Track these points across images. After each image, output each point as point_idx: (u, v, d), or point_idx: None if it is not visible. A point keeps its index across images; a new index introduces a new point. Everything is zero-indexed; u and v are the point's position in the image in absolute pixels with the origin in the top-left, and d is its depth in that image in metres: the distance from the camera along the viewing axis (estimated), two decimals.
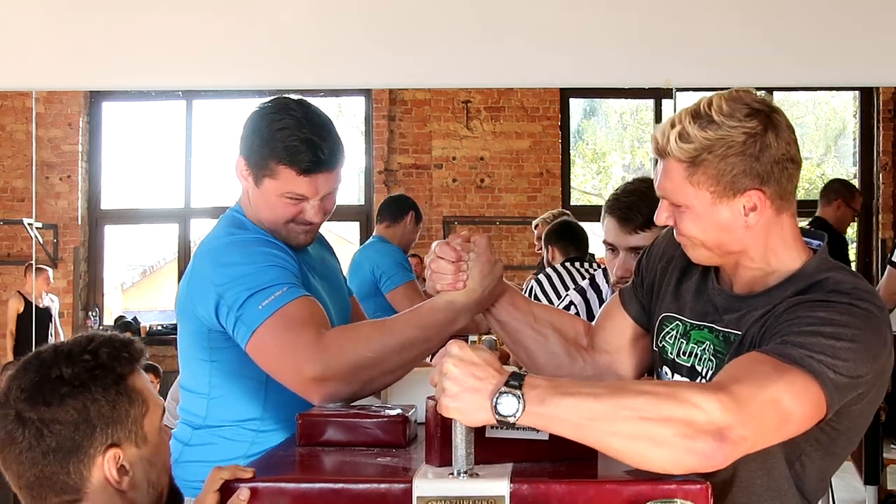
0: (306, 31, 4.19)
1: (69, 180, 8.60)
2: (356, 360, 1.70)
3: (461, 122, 8.51)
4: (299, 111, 1.88)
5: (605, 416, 1.24)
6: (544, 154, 8.57)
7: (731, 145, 1.45)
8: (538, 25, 4.16)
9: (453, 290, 1.75)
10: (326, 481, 1.36)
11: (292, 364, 1.72)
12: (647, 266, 1.75)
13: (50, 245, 8.47)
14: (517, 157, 8.56)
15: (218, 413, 1.92)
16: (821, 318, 1.39)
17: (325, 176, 1.87)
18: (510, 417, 1.25)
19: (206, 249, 1.90)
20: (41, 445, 1.22)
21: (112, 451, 1.23)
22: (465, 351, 1.30)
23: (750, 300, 1.52)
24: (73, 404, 1.22)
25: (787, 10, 4.12)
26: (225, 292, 1.78)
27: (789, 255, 1.52)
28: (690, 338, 1.59)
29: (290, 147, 1.84)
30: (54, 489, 1.23)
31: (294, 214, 1.90)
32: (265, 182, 1.88)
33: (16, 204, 8.51)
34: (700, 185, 1.47)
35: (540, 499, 1.28)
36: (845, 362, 1.35)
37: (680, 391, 1.26)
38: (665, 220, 1.55)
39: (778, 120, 1.48)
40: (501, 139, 8.56)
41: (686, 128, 1.47)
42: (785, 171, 1.47)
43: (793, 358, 1.34)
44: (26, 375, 1.25)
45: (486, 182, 8.55)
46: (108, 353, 1.27)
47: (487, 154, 8.55)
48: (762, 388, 1.29)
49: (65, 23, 4.17)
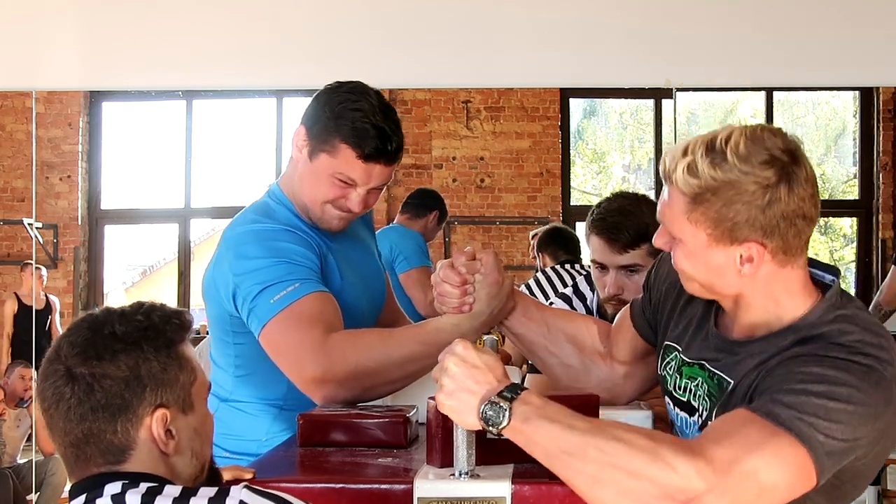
0: (306, 31, 4.19)
1: (69, 180, 8.60)
2: (357, 367, 1.71)
3: (461, 122, 8.51)
4: (376, 99, 1.87)
5: (577, 451, 1.22)
6: (544, 154, 8.57)
7: (738, 192, 1.34)
8: (538, 25, 4.16)
9: (458, 313, 1.72)
10: (327, 482, 1.36)
11: (295, 362, 1.74)
12: (653, 285, 1.69)
13: (50, 245, 8.47)
14: (517, 157, 8.55)
15: (243, 390, 1.94)
16: (815, 374, 1.29)
17: (381, 167, 1.86)
18: (494, 427, 1.25)
19: (230, 235, 1.89)
20: (90, 401, 1.21)
21: (160, 412, 1.22)
22: (469, 351, 1.30)
23: (747, 346, 1.43)
24: (126, 360, 1.22)
25: (787, 10, 4.12)
26: (241, 283, 1.79)
27: (793, 303, 1.42)
28: (683, 373, 1.54)
29: (359, 129, 1.83)
30: (100, 448, 1.22)
31: (337, 197, 1.88)
32: (321, 157, 1.87)
33: (16, 204, 8.51)
34: (698, 224, 1.38)
35: (541, 500, 1.28)
36: (838, 424, 1.26)
37: (658, 447, 1.21)
38: (662, 244, 1.48)
39: (796, 172, 1.36)
40: (501, 139, 8.55)
41: (696, 161, 1.37)
42: (793, 227, 1.36)
43: (781, 419, 1.25)
44: (79, 333, 1.24)
45: (486, 182, 8.54)
46: (161, 316, 1.27)
47: (487, 154, 8.55)
48: (743, 455, 1.22)
49: (65, 23, 4.17)
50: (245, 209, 1.99)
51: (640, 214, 2.26)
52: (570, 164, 8.89)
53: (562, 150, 8.63)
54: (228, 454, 1.91)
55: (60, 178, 8.57)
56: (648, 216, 2.26)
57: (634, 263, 2.26)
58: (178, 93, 8.45)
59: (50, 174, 8.49)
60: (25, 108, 8.28)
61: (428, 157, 8.54)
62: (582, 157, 9.82)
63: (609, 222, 2.27)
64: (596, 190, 9.86)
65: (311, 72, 4.29)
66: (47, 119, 8.41)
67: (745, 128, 1.39)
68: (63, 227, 8.57)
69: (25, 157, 8.32)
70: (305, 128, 1.90)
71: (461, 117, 8.51)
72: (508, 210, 8.52)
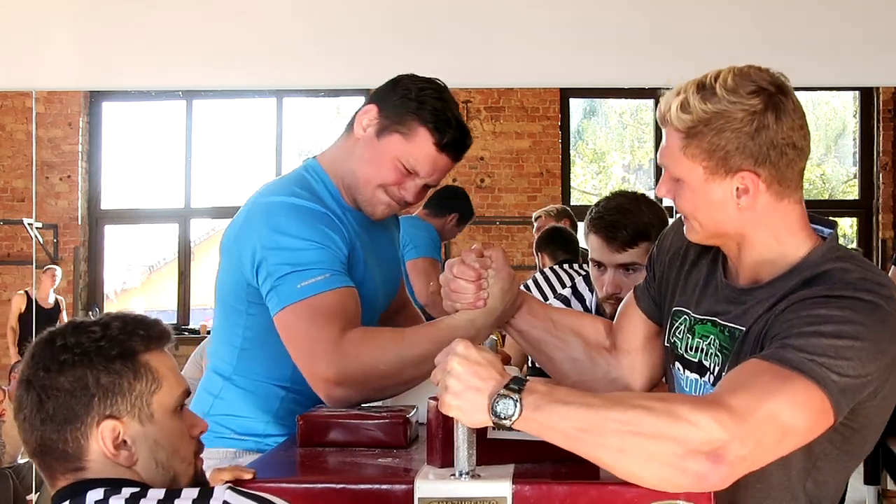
0: (306, 31, 4.19)
1: (69, 180, 8.60)
2: (371, 368, 1.69)
3: None
4: (453, 101, 1.90)
5: (596, 427, 1.22)
6: (544, 154, 8.57)
7: (727, 120, 1.41)
8: (538, 25, 4.16)
9: (473, 308, 1.72)
10: (328, 482, 1.36)
11: (308, 357, 1.72)
12: (656, 260, 1.72)
13: (50, 245, 8.47)
14: (517, 157, 8.55)
15: (247, 366, 1.89)
16: (822, 315, 1.33)
17: (447, 161, 1.87)
18: (506, 421, 1.25)
19: (264, 202, 1.82)
20: (41, 412, 1.23)
21: (108, 423, 1.23)
22: (470, 350, 1.30)
23: (754, 293, 1.47)
24: (73, 372, 1.23)
25: (787, 11, 4.11)
26: (269, 257, 1.74)
27: (794, 242, 1.47)
28: (696, 332, 1.56)
29: (440, 117, 1.84)
30: (55, 457, 1.24)
31: (393, 182, 1.86)
32: (392, 138, 1.84)
33: (16, 204, 8.51)
34: (694, 159, 1.44)
35: (542, 500, 1.28)
36: (849, 361, 1.30)
37: (675, 407, 1.23)
38: (665, 192, 1.52)
39: (783, 102, 1.42)
40: (501, 139, 8.55)
41: (688, 98, 1.44)
42: (784, 156, 1.42)
43: (793, 363, 1.29)
44: (38, 344, 1.27)
45: (486, 182, 8.54)
46: (120, 327, 1.27)
47: (487, 154, 8.54)
48: (761, 401, 1.25)
49: (65, 23, 4.17)
50: (280, 179, 1.92)
51: (639, 213, 2.27)
52: (570, 164, 8.89)
53: (562, 150, 8.63)
54: (235, 435, 1.88)
55: (60, 178, 8.57)
56: (647, 215, 2.26)
57: (632, 262, 2.26)
58: (178, 93, 8.45)
59: (50, 174, 8.49)
60: (25, 108, 8.28)
61: None
62: (582, 157, 9.81)
63: (607, 221, 2.27)
64: (596, 190, 9.86)
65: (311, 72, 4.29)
66: (47, 119, 8.41)
67: (734, 66, 1.46)
68: (63, 227, 8.57)
69: (25, 157, 8.32)
70: (378, 107, 1.87)
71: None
72: (508, 210, 8.52)
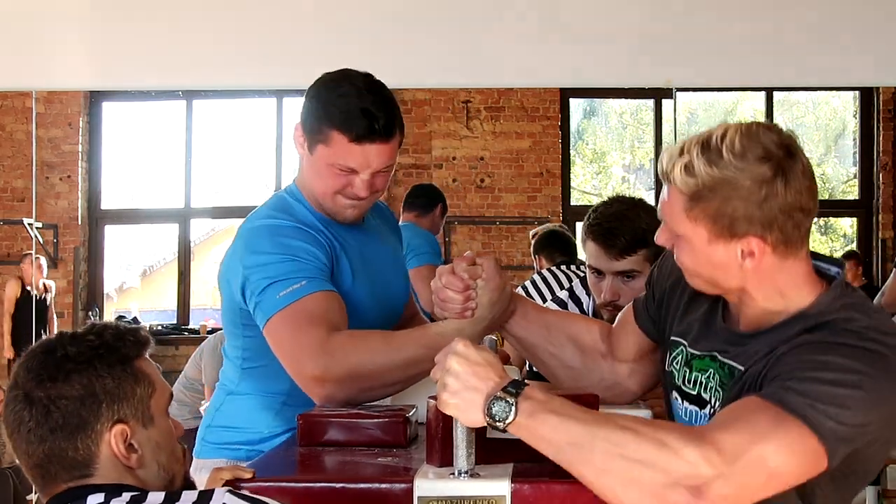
0: (306, 31, 4.19)
1: (69, 180, 8.60)
2: (357, 369, 1.71)
3: (461, 122, 8.51)
4: (361, 81, 1.91)
5: (584, 443, 1.23)
6: (544, 154, 8.57)
7: (734, 188, 1.37)
8: (538, 25, 4.16)
9: (462, 318, 1.73)
10: (327, 481, 1.36)
11: (296, 359, 1.76)
12: (657, 282, 1.70)
13: (50, 245, 8.47)
14: (517, 157, 8.55)
15: (248, 382, 1.97)
16: (824, 362, 1.31)
17: (377, 148, 1.87)
18: (500, 423, 1.25)
19: (245, 228, 1.93)
20: (49, 422, 1.24)
21: (119, 427, 1.25)
22: (470, 350, 1.30)
23: (756, 338, 1.45)
24: (79, 380, 1.25)
25: (787, 11, 4.11)
26: (250, 276, 1.82)
27: (798, 294, 1.44)
28: (693, 366, 1.54)
29: (345, 112, 1.86)
30: (63, 465, 1.25)
31: (342, 186, 1.90)
32: (318, 149, 1.89)
33: (16, 204, 8.51)
34: (697, 221, 1.41)
35: (541, 499, 1.28)
36: (849, 410, 1.27)
37: (665, 435, 1.22)
38: (664, 241, 1.50)
39: (792, 166, 1.38)
40: (501, 139, 8.55)
41: (693, 160, 1.39)
42: (791, 220, 1.38)
43: (792, 406, 1.27)
44: (34, 358, 1.28)
45: (486, 182, 8.54)
46: (113, 334, 1.30)
47: (487, 154, 8.54)
48: (752, 443, 1.23)
49: (64, 23, 4.17)
50: (263, 204, 2.01)
51: (637, 219, 2.25)
52: (570, 164, 8.88)
53: (562, 150, 8.63)
54: (232, 446, 1.94)
55: (60, 178, 8.57)
56: (645, 221, 2.24)
57: (631, 269, 2.24)
58: (178, 93, 8.45)
59: (50, 174, 8.49)
60: (25, 108, 8.28)
61: (428, 157, 8.54)
62: (582, 157, 9.81)
63: (605, 228, 2.25)
64: (596, 190, 9.85)
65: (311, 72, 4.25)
66: (47, 119, 8.40)
67: (741, 125, 1.41)
68: (63, 227, 8.57)
69: (25, 157, 8.32)
70: (301, 125, 1.94)
71: (461, 117, 8.51)
72: (508, 210, 8.52)
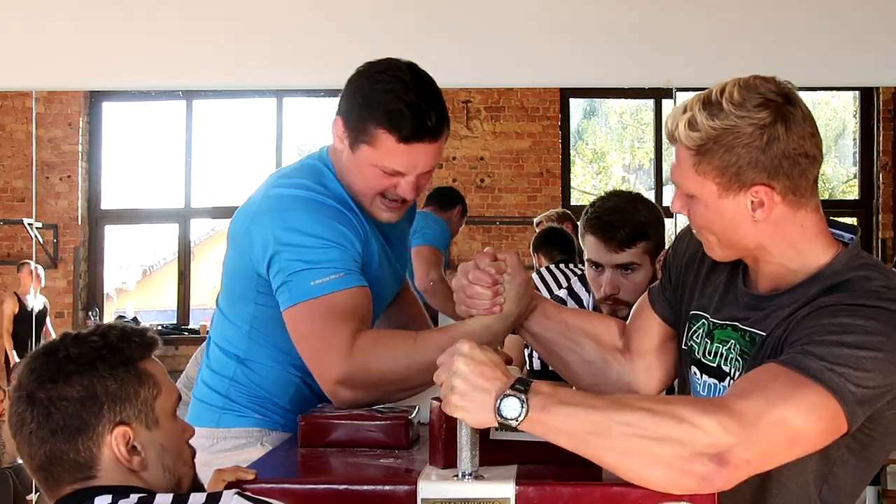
0: (306, 31, 4.18)
1: (69, 180, 8.59)
2: (383, 373, 1.69)
3: (461, 122, 8.50)
4: (408, 74, 1.78)
5: (601, 429, 1.23)
6: (544, 154, 8.56)
7: (737, 136, 1.39)
8: (538, 25, 4.16)
9: (489, 314, 1.71)
10: (330, 483, 1.36)
11: (321, 359, 1.71)
12: (672, 263, 1.70)
13: (50, 245, 8.47)
14: (517, 157, 8.55)
15: (259, 350, 1.88)
16: (844, 324, 1.31)
17: (425, 147, 1.77)
18: (512, 421, 1.25)
19: (276, 194, 1.80)
20: (49, 423, 1.23)
21: (120, 429, 1.24)
22: (475, 350, 1.30)
23: (775, 299, 1.46)
24: (80, 381, 1.24)
25: (787, 10, 4.11)
26: (283, 251, 1.73)
27: (813, 251, 1.45)
28: (715, 337, 1.54)
29: (393, 111, 1.74)
30: (66, 468, 1.24)
31: (386, 188, 1.81)
32: (362, 149, 1.79)
33: (16, 204, 8.50)
34: (706, 175, 1.42)
35: (545, 501, 1.28)
36: (869, 373, 1.28)
37: (680, 409, 1.23)
38: (679, 208, 1.50)
39: (791, 112, 1.40)
40: (501, 139, 8.55)
41: (695, 115, 1.42)
42: (796, 166, 1.40)
43: (811, 371, 1.27)
44: (36, 359, 1.28)
45: (486, 182, 8.54)
46: (118, 335, 1.29)
47: (487, 154, 8.54)
48: (771, 406, 1.24)
49: (65, 23, 4.17)
50: (292, 167, 1.90)
51: (636, 212, 2.26)
52: (570, 164, 8.88)
53: (562, 150, 8.63)
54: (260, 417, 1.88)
55: (60, 178, 8.57)
56: (644, 214, 2.26)
57: (630, 262, 2.25)
58: (178, 93, 8.44)
59: (50, 174, 8.48)
60: (25, 108, 8.27)
61: None
62: (582, 157, 9.81)
63: (604, 221, 2.25)
64: (596, 190, 9.85)
65: (311, 72, 4.28)
66: (47, 119, 8.40)
67: (739, 78, 1.43)
68: (63, 227, 8.56)
69: (25, 157, 8.31)
70: (342, 119, 1.82)
71: (461, 117, 8.50)
72: (508, 210, 8.52)
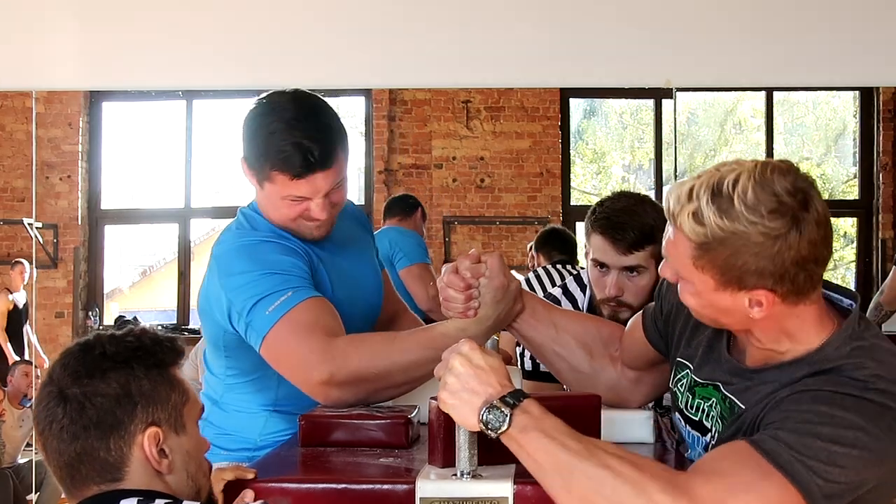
0: (306, 31, 4.18)
1: (69, 180, 8.59)
2: (362, 371, 1.71)
3: (461, 122, 8.50)
4: (291, 110, 1.84)
5: (564, 471, 1.22)
6: (544, 154, 8.56)
7: (745, 243, 1.29)
8: (538, 25, 4.16)
9: (464, 318, 1.72)
10: (329, 481, 1.36)
11: (301, 368, 1.74)
12: (665, 295, 1.65)
13: (50, 245, 8.47)
14: (517, 157, 8.55)
15: (232, 398, 1.98)
16: (821, 413, 1.25)
17: (322, 175, 1.84)
18: (492, 432, 1.26)
19: (217, 254, 1.92)
20: (82, 419, 1.23)
21: (152, 430, 1.24)
22: (475, 352, 1.31)
23: (761, 373, 1.40)
24: (116, 378, 1.24)
25: (787, 11, 4.11)
26: (234, 299, 1.80)
27: (807, 336, 1.37)
28: (696, 393, 1.52)
29: (281, 152, 1.82)
30: (94, 467, 1.23)
31: (299, 213, 1.89)
32: (266, 186, 1.89)
33: (16, 204, 8.50)
34: (704, 270, 1.33)
35: (543, 500, 1.28)
36: (842, 469, 1.22)
37: (646, 481, 1.21)
38: (669, 277, 1.44)
39: (806, 218, 1.29)
40: (501, 139, 8.55)
41: (701, 207, 1.31)
42: (803, 272, 1.31)
43: (779, 460, 1.22)
44: (70, 355, 1.27)
45: (486, 182, 8.54)
46: (152, 339, 1.30)
47: (487, 154, 8.54)
48: (732, 495, 1.21)
49: (65, 23, 4.17)
50: (228, 226, 2.00)
51: (645, 215, 2.24)
52: (570, 164, 8.88)
53: (562, 150, 8.62)
54: (226, 451, 1.93)
55: (60, 178, 8.57)
56: (652, 217, 2.23)
57: (637, 265, 2.23)
58: (178, 93, 8.44)
59: (50, 174, 8.48)
60: (25, 108, 8.27)
61: (428, 157, 8.54)
62: (582, 157, 9.81)
63: (614, 222, 2.23)
64: (596, 190, 9.85)
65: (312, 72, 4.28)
66: (47, 119, 8.40)
67: (754, 169, 1.31)
68: (63, 227, 8.56)
69: (25, 157, 8.31)
70: (245, 161, 1.91)
71: (461, 117, 8.50)
72: (508, 210, 8.52)
